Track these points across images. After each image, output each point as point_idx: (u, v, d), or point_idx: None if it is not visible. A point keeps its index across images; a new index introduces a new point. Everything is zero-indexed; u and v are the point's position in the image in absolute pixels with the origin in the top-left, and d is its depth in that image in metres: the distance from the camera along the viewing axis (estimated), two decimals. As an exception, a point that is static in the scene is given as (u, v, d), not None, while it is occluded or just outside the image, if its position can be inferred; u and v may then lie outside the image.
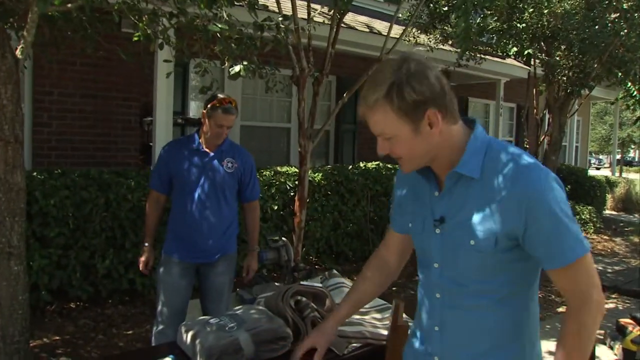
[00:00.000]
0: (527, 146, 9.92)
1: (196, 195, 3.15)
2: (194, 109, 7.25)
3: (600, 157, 44.49)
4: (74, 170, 4.66)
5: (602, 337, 4.64)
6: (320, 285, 2.85)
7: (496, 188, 1.45)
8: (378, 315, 2.86)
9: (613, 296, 6.20)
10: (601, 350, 4.50)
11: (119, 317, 4.69)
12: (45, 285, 4.24)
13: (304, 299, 2.58)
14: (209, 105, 3.14)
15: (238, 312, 2.52)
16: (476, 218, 1.48)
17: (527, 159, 1.47)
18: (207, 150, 3.19)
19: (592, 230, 10.24)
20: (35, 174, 4.28)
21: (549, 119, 9.31)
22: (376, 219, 6.85)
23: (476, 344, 1.58)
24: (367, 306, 2.85)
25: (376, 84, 1.44)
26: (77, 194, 4.33)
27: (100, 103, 6.40)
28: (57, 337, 4.21)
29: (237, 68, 3.48)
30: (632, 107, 10.11)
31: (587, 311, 1.44)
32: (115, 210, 4.52)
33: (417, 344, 1.78)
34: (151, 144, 6.83)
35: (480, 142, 1.52)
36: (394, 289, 6.05)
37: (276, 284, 4.83)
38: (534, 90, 9.38)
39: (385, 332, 2.74)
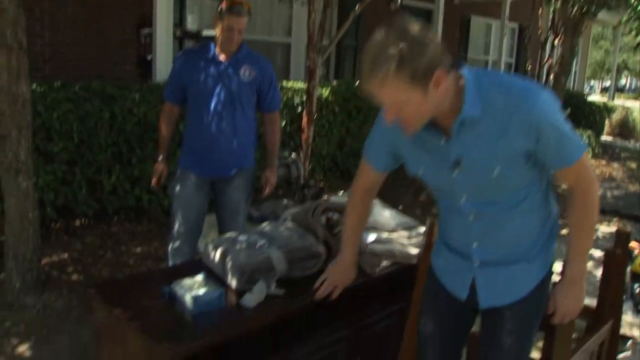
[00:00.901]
0: (529, 68, 9.64)
1: (212, 106, 2.98)
2: (192, 21, 6.94)
3: (592, 83, 44.06)
4: (74, 83, 4.43)
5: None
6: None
7: (501, 119, 1.56)
8: (406, 234, 2.77)
9: (615, 219, 6.20)
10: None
11: (125, 234, 4.60)
12: (51, 202, 4.11)
13: (335, 215, 2.48)
14: (219, 8, 2.93)
15: (267, 229, 2.42)
16: (490, 151, 1.60)
17: (518, 83, 1.60)
18: (222, 58, 3.00)
19: (590, 155, 10.19)
20: (35, 86, 4.06)
21: (552, 40, 9.03)
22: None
23: (513, 249, 1.78)
24: (393, 224, 2.76)
25: (382, 60, 1.44)
26: (81, 107, 4.14)
27: (94, 13, 6.07)
28: (65, 256, 4.13)
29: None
30: (635, 31, 9.80)
31: (592, 193, 1.72)
32: (121, 124, 4.34)
33: (452, 258, 1.92)
34: (149, 57, 6.57)
35: (472, 82, 1.58)
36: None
37: (285, 201, 4.76)
38: (539, 10, 9.05)
39: (414, 251, 2.66)
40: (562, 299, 1.80)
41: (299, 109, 5.67)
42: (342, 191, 3.70)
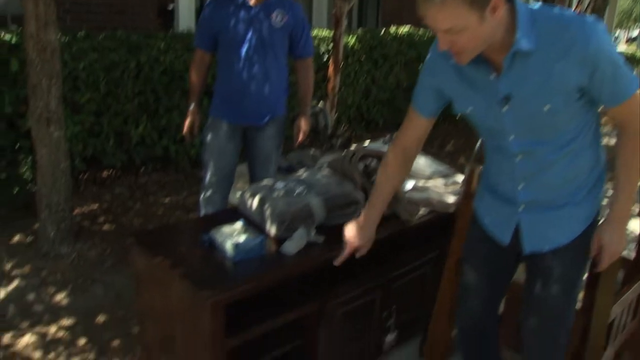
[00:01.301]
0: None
1: (243, 52, 2.92)
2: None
3: (617, 32, 42.79)
4: (98, 33, 4.38)
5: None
6: (384, 147, 2.69)
7: (555, 53, 1.51)
8: (442, 182, 2.74)
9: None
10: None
11: (154, 185, 4.62)
12: (79, 154, 4.12)
13: (372, 162, 2.44)
14: None
15: (303, 176, 2.40)
16: (544, 85, 1.56)
17: (574, 16, 1.54)
18: (253, 3, 2.92)
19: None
20: (59, 35, 4.00)
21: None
22: (408, 86, 6.60)
23: (560, 192, 1.75)
24: (429, 172, 2.73)
25: None
26: (106, 57, 4.09)
27: (115, -38, 5.98)
28: (96, 206, 4.16)
29: None
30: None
31: None
32: (147, 74, 4.30)
33: (496, 203, 1.89)
34: (170, 6, 6.49)
35: (526, 15, 1.53)
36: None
37: (312, 150, 4.73)
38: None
39: (451, 200, 2.63)
40: (608, 239, 1.76)
41: (325, 57, 5.58)
42: (368, 141, 3.67)
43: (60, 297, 3.06)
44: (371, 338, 2.52)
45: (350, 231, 2.01)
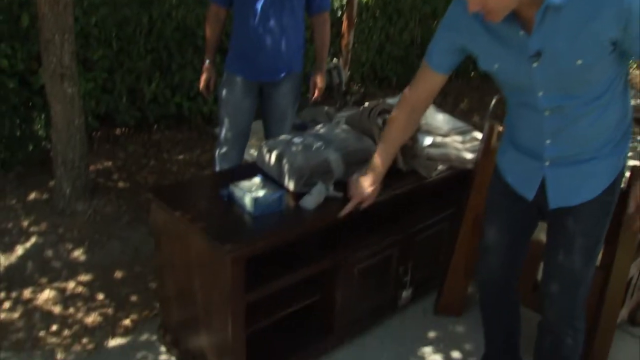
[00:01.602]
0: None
1: (258, 7, 2.87)
2: None
3: None
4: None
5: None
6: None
7: (588, 6, 1.48)
8: (459, 138, 2.72)
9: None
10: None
11: (167, 142, 4.61)
12: (92, 111, 4.10)
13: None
14: None
15: (321, 131, 2.39)
16: (576, 40, 1.52)
17: None
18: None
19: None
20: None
21: None
22: (423, 42, 6.50)
23: (586, 146, 1.73)
24: (447, 128, 2.70)
25: None
26: (118, 11, 4.04)
27: None
28: (110, 164, 4.17)
29: None
30: None
31: None
32: (160, 29, 4.24)
33: (520, 158, 1.87)
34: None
35: None
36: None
37: (325, 108, 4.70)
38: None
39: (469, 156, 2.61)
40: None
41: (339, 13, 5.48)
42: (380, 99, 3.62)
43: (78, 254, 3.09)
44: (387, 294, 2.55)
45: (355, 184, 2.06)
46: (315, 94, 3.13)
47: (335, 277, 2.23)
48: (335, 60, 4.91)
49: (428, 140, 2.45)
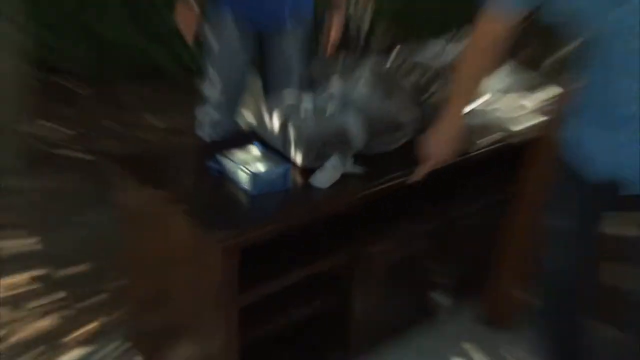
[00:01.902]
0: None
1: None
2: None
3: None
4: None
5: None
6: (443, 56, 2.68)
7: None
8: (520, 98, 2.74)
9: None
10: None
11: (136, 101, 4.63)
12: (37, 57, 4.12)
13: (426, 74, 2.46)
14: None
15: (338, 89, 2.42)
16: None
17: None
18: None
19: None
20: None
21: None
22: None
23: None
24: (502, 86, 2.74)
25: None
26: None
27: None
28: (59, 127, 4.16)
29: None
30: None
31: None
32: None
33: (610, 134, 1.81)
34: None
35: None
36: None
37: (342, 58, 4.71)
38: None
39: (530, 124, 2.64)
40: None
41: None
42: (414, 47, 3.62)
43: (21, 243, 3.13)
44: (418, 298, 2.59)
45: (428, 140, 2.09)
46: (332, 40, 3.17)
47: (353, 276, 2.26)
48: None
49: (471, 105, 2.48)
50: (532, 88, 2.80)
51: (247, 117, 3.63)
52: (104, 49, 4.42)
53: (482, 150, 2.52)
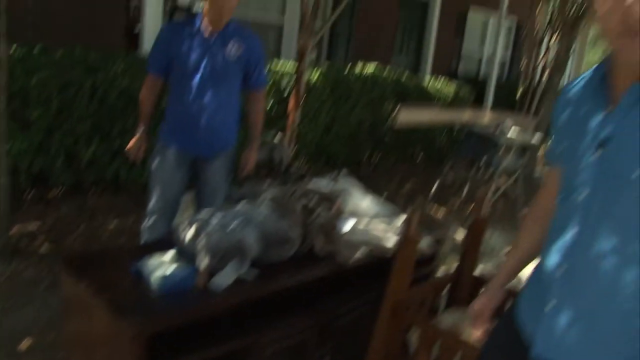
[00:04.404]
0: (524, 65, 9.66)
1: (195, 81, 2.94)
2: (185, -5, 6.84)
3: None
4: (56, 49, 4.36)
5: None
6: (328, 186, 2.71)
7: None
8: (385, 224, 2.77)
9: None
10: None
11: (102, 207, 4.57)
12: (25, 170, 4.06)
13: (313, 200, 2.46)
14: None
15: (243, 209, 2.41)
16: None
17: None
18: (209, 33, 2.95)
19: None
20: (14, 47, 3.98)
21: (549, 38, 9.01)
22: (370, 125, 6.69)
23: (610, 298, 1.27)
24: (374, 212, 2.76)
25: None
26: (61, 75, 4.07)
27: (85, -22, 5.99)
28: (38, 226, 4.09)
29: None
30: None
31: None
32: (103, 94, 4.28)
33: (534, 287, 1.49)
34: (137, 28, 6.50)
35: None
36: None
37: (267, 184, 4.73)
38: (538, 6, 9.02)
39: (392, 244, 2.65)
40: None
41: (287, 91, 5.63)
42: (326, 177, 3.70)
43: (-12, 318, 2.98)
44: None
45: (482, 304, 1.70)
46: (246, 170, 3.19)
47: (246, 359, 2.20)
48: (278, 136, 5.00)
49: (348, 225, 2.49)
50: (393, 215, 2.83)
51: (176, 227, 3.58)
52: (81, 166, 4.36)
53: (355, 261, 2.52)
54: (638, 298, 1.24)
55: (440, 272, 3.27)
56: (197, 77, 2.93)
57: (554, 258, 1.38)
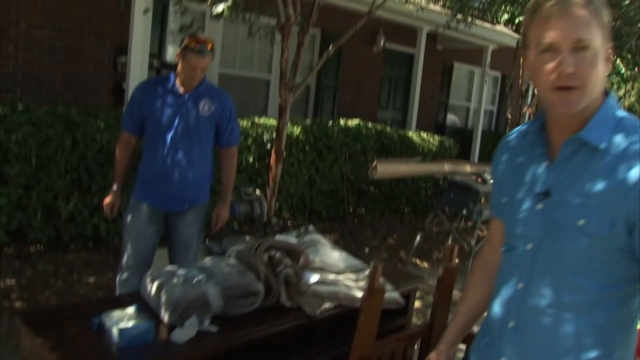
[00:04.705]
0: (509, 116, 9.85)
1: (168, 138, 3.01)
2: (171, 53, 6.99)
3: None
4: (40, 107, 4.45)
5: None
6: (295, 240, 2.75)
7: (623, 164, 1.26)
8: (353, 277, 2.78)
9: None
10: None
11: (80, 263, 4.56)
12: (4, 226, 4.08)
13: (277, 254, 2.49)
14: (182, 45, 2.99)
15: (207, 264, 2.43)
16: (592, 194, 1.28)
17: None
18: (182, 91, 3.03)
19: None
20: (-4, 107, 4.07)
21: (533, 90, 9.21)
22: (353, 178, 6.76)
23: (556, 352, 1.35)
24: (342, 266, 2.78)
25: None
26: (42, 131, 4.14)
27: (71, 38, 6.15)
28: (13, 282, 4.07)
29: (220, 8, 3.31)
30: (615, 85, 10.01)
31: None
32: (83, 151, 4.34)
33: (485, 339, 1.54)
34: (124, 86, 6.62)
35: (612, 114, 1.33)
36: (367, 250, 6.03)
37: (247, 237, 4.74)
38: (522, 59, 9.25)
39: (359, 294, 2.67)
40: None
41: (268, 145, 5.71)
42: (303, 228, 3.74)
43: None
44: None
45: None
46: (217, 225, 3.21)
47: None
48: (258, 191, 5.05)
49: (315, 278, 2.50)
50: (362, 269, 2.85)
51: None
52: (60, 222, 4.38)
53: (323, 314, 2.52)
54: (579, 351, 1.32)
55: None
56: (170, 133, 3.00)
57: (501, 312, 1.45)
